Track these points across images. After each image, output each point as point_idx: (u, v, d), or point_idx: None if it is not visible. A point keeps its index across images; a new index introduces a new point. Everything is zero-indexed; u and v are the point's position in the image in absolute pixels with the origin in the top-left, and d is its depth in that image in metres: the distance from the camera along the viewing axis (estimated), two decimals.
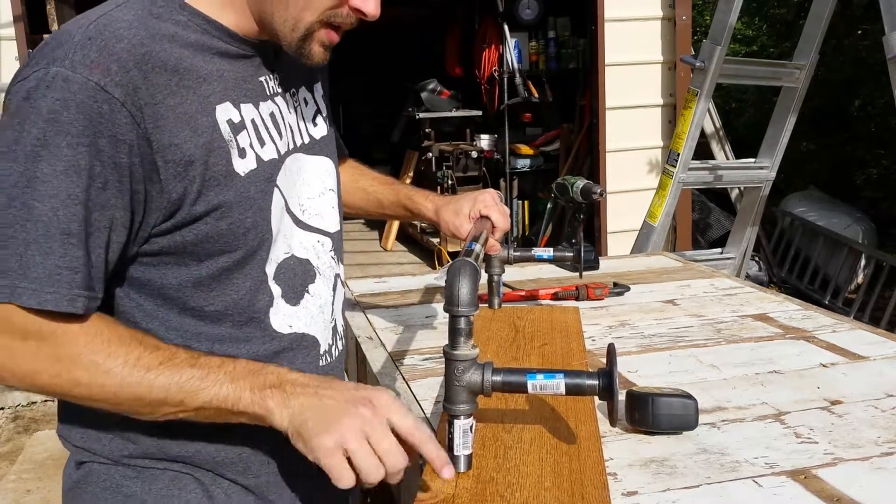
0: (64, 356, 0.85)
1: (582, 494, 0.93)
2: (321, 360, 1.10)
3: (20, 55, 3.95)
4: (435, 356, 1.45)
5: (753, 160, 3.66)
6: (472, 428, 0.96)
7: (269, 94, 1.03)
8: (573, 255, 1.58)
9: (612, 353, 0.94)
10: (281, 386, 0.88)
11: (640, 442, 1.10)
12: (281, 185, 1.03)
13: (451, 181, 5.59)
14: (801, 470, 1.01)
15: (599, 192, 1.95)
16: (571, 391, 0.94)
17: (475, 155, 5.62)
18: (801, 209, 5.79)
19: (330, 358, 1.12)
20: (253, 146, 0.98)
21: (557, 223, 4.83)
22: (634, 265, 2.16)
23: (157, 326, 0.96)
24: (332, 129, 1.20)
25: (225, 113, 0.95)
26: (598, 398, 0.95)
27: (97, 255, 0.87)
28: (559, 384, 0.93)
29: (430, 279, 2.03)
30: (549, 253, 1.59)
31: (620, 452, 1.07)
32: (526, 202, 5.87)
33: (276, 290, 1.03)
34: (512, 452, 1.03)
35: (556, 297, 1.79)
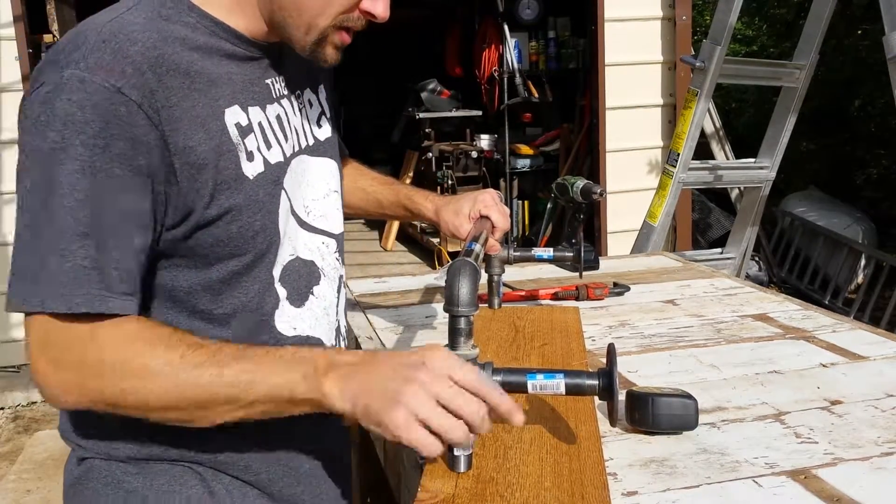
0: (109, 363, 0.84)
1: (582, 494, 0.93)
2: None
3: (20, 55, 3.95)
4: None
5: (753, 160, 3.66)
6: None
7: (275, 96, 1.03)
8: (573, 255, 1.57)
9: (612, 353, 0.94)
10: (333, 369, 0.84)
11: (640, 442, 1.10)
12: (287, 187, 1.03)
13: (451, 181, 5.58)
14: (801, 470, 1.01)
15: (599, 192, 1.95)
16: (571, 391, 0.94)
17: (475, 155, 5.62)
18: (801, 209, 5.79)
19: None
20: (260, 149, 0.98)
21: (557, 223, 4.83)
22: (634, 265, 2.16)
23: None
24: (335, 130, 1.20)
25: (233, 116, 0.95)
26: (598, 398, 0.95)
27: (125, 256, 0.85)
28: (559, 384, 0.93)
29: (430, 279, 2.03)
30: (549, 253, 1.59)
31: (620, 452, 1.07)
32: (526, 202, 5.87)
33: (281, 292, 1.03)
34: (512, 452, 1.03)
35: (556, 297, 1.79)
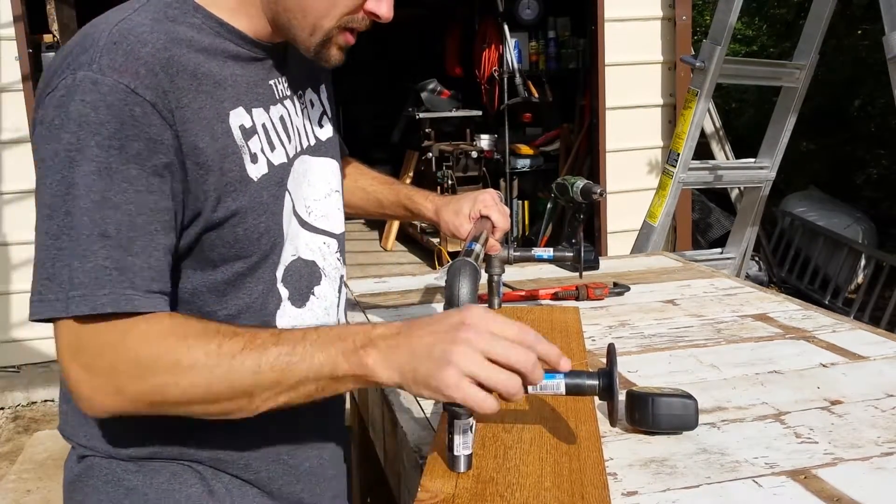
0: (145, 361, 0.83)
1: (582, 494, 0.92)
2: None
3: (20, 55, 3.95)
4: None
5: (753, 160, 3.66)
6: (472, 428, 0.96)
7: (278, 97, 1.04)
8: (573, 255, 1.57)
9: (612, 353, 0.94)
10: (372, 343, 0.83)
11: (640, 442, 1.10)
12: (290, 188, 1.03)
13: (451, 181, 5.58)
14: (801, 470, 1.01)
15: (599, 192, 1.95)
16: (571, 391, 0.94)
17: (475, 155, 5.61)
18: (801, 209, 5.79)
19: None
20: (264, 151, 0.98)
21: (557, 223, 4.83)
22: (634, 265, 2.16)
23: None
24: (336, 129, 1.20)
25: (238, 118, 0.95)
26: (598, 398, 0.95)
27: (148, 254, 0.85)
28: (559, 384, 0.93)
29: (430, 279, 2.03)
30: (549, 253, 1.59)
31: (620, 452, 1.07)
32: (526, 202, 5.87)
33: (283, 292, 1.03)
34: (512, 452, 1.03)
35: (556, 297, 1.79)
